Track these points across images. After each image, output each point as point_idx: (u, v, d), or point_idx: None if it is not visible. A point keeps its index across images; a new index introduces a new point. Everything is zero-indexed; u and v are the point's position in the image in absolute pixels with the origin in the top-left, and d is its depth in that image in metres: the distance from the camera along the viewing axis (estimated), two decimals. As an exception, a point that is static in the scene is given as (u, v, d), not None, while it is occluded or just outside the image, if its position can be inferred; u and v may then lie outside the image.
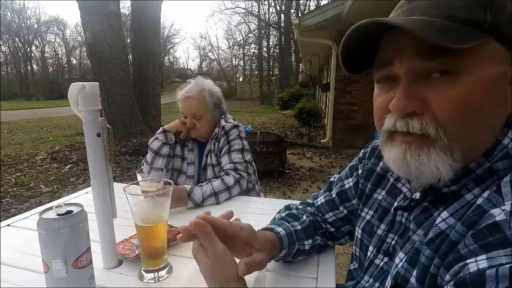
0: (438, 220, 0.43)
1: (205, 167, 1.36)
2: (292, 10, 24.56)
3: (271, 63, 29.71)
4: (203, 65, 44.90)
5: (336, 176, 0.77)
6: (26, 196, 3.36)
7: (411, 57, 0.42)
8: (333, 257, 0.76)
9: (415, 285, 0.43)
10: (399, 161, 0.44)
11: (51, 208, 0.55)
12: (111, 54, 5.66)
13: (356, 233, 0.66)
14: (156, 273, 0.67)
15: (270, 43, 28.47)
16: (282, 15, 25.06)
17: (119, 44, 5.86)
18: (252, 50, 32.07)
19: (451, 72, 0.40)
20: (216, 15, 59.23)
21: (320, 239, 0.74)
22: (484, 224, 0.36)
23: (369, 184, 0.65)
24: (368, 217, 0.63)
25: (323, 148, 5.65)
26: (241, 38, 32.29)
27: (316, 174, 4.19)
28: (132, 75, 6.58)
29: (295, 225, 0.70)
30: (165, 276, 0.68)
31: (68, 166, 4.45)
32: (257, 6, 27.20)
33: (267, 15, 27.39)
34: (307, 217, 0.74)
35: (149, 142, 1.36)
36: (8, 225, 0.93)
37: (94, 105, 0.65)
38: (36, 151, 5.54)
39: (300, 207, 0.80)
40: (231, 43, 35.37)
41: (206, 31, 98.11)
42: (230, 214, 0.60)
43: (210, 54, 42.20)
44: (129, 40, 7.47)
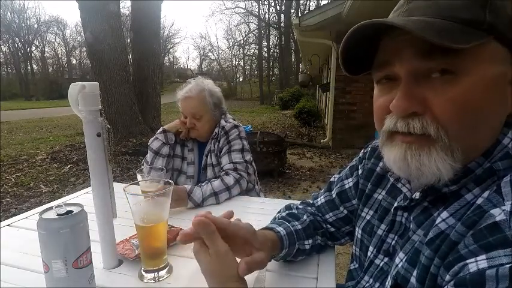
0: (438, 220, 0.43)
1: (205, 167, 1.36)
2: (292, 10, 24.61)
3: (271, 63, 29.73)
4: (203, 65, 45.01)
5: (336, 176, 0.77)
6: (26, 196, 3.36)
7: (411, 57, 0.42)
8: (333, 257, 0.76)
9: (415, 285, 0.43)
10: (399, 161, 0.44)
11: (51, 208, 0.55)
12: (111, 54, 5.67)
13: (356, 233, 0.66)
14: (156, 273, 0.67)
15: (270, 43, 28.54)
16: (282, 15, 25.08)
17: (119, 44, 5.86)
18: (252, 50, 32.17)
19: (451, 72, 0.40)
20: (216, 15, 59.39)
21: (320, 239, 0.74)
22: (484, 224, 0.36)
23: (369, 184, 0.65)
24: (368, 217, 0.63)
25: (323, 148, 5.65)
26: (241, 38, 32.38)
27: (316, 174, 4.19)
28: (132, 75, 6.58)
29: (295, 224, 0.70)
30: (165, 276, 0.68)
31: (68, 166, 4.45)
32: (257, 6, 27.27)
33: (267, 15, 27.47)
34: (307, 217, 0.74)
35: (149, 142, 1.36)
36: (8, 225, 0.93)
37: (94, 105, 0.66)
38: (36, 151, 5.54)
39: (301, 207, 0.80)
40: (231, 43, 35.46)
41: (206, 31, 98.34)
42: (230, 214, 0.60)
43: (210, 54, 42.32)
44: (129, 40, 7.47)
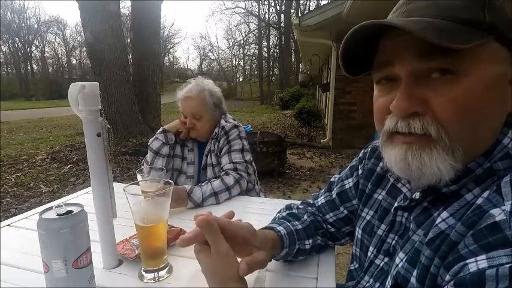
0: (438, 220, 0.43)
1: (205, 167, 1.36)
2: (292, 10, 24.61)
3: (271, 63, 29.73)
4: (203, 65, 45.02)
5: (336, 176, 0.77)
6: (26, 196, 3.36)
7: (411, 58, 0.42)
8: (333, 257, 0.76)
9: (415, 285, 0.43)
10: (400, 162, 0.44)
11: (51, 208, 0.55)
12: (111, 54, 5.67)
13: (356, 233, 0.66)
14: (156, 273, 0.67)
15: (270, 43, 28.54)
16: (282, 15, 25.08)
17: (119, 44, 5.86)
18: (252, 50, 32.17)
19: (452, 72, 0.40)
20: (216, 15, 59.38)
21: (321, 239, 0.74)
22: (484, 224, 0.36)
23: (369, 184, 0.65)
24: (368, 217, 0.63)
25: (323, 148, 5.65)
26: (241, 38, 32.37)
27: (316, 174, 4.19)
28: (132, 75, 6.58)
29: (295, 224, 0.70)
30: (165, 276, 0.68)
31: (68, 166, 4.45)
32: (257, 6, 27.27)
33: (267, 15, 27.47)
34: (308, 217, 0.74)
35: (149, 142, 1.36)
36: (8, 225, 0.93)
37: (94, 105, 0.66)
38: (36, 151, 5.54)
39: (301, 207, 0.80)
40: (231, 43, 35.46)
41: (206, 31, 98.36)
42: (231, 214, 0.60)
43: (210, 54, 42.32)
44: (129, 40, 7.47)
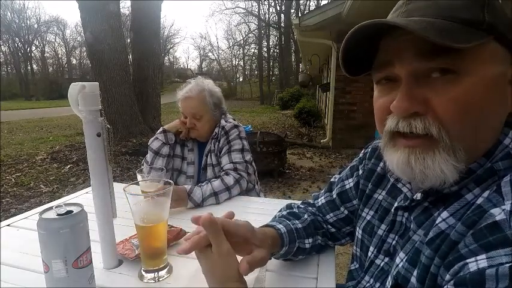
0: (438, 220, 0.43)
1: (205, 167, 1.36)
2: (292, 10, 24.61)
3: (271, 63, 29.72)
4: (203, 65, 45.00)
5: (337, 177, 0.77)
6: (26, 196, 3.36)
7: (411, 58, 0.41)
8: (333, 257, 0.76)
9: (416, 285, 0.43)
10: (403, 165, 0.44)
11: (51, 208, 0.55)
12: (111, 54, 5.67)
13: (356, 233, 0.66)
14: (156, 273, 0.67)
15: (270, 43, 28.53)
16: (282, 15, 25.08)
17: (119, 44, 5.86)
18: (252, 50, 32.14)
19: (452, 71, 0.40)
20: (216, 15, 59.35)
21: (321, 239, 0.74)
22: (484, 224, 0.36)
23: (370, 184, 0.65)
24: (368, 217, 0.63)
25: (323, 148, 5.65)
26: (241, 38, 32.36)
27: (316, 174, 4.19)
28: (132, 75, 6.58)
29: (296, 223, 0.70)
30: (165, 276, 0.68)
31: (68, 166, 4.45)
32: (257, 6, 27.26)
33: (267, 15, 27.46)
34: (308, 216, 0.74)
35: (149, 142, 1.36)
36: (8, 225, 0.93)
37: (94, 105, 0.66)
38: (36, 151, 5.54)
39: (302, 206, 0.80)
40: (231, 43, 35.44)
41: (206, 31, 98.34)
42: (231, 215, 0.60)
43: (210, 54, 42.29)
44: (129, 40, 7.47)
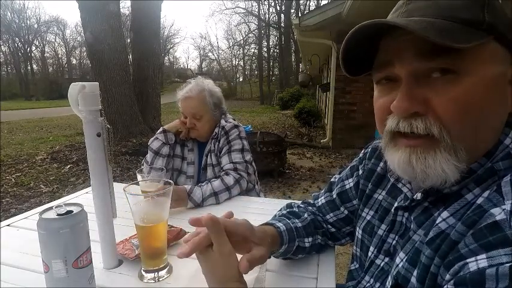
0: (438, 220, 0.43)
1: (205, 167, 1.36)
2: (292, 10, 24.60)
3: (271, 63, 29.71)
4: (203, 65, 44.99)
5: (337, 177, 0.77)
6: (26, 196, 3.35)
7: (411, 58, 0.41)
8: (333, 257, 0.76)
9: (416, 285, 0.43)
10: (404, 164, 0.43)
11: (51, 208, 0.55)
12: (111, 54, 5.67)
13: (356, 234, 0.66)
14: (156, 273, 0.67)
15: (270, 43, 28.52)
16: (282, 15, 25.07)
17: (119, 44, 5.86)
18: (252, 50, 32.14)
19: (452, 71, 0.40)
20: (216, 15, 59.33)
21: (321, 239, 0.74)
22: (484, 224, 0.36)
23: (370, 184, 0.64)
24: (368, 217, 0.63)
25: (323, 148, 5.65)
26: (241, 38, 32.35)
27: (316, 174, 4.19)
28: (132, 75, 6.58)
29: (295, 222, 0.70)
30: (165, 276, 0.68)
31: (68, 166, 4.45)
32: (257, 6, 27.25)
33: (267, 15, 27.45)
34: (308, 215, 0.74)
35: (149, 142, 1.36)
36: (8, 225, 0.93)
37: (94, 105, 0.66)
38: (36, 151, 5.54)
39: (302, 206, 0.80)
40: (231, 43, 35.43)
41: (206, 31, 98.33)
42: (230, 215, 0.60)
43: (210, 54, 42.28)
44: (129, 40, 7.47)
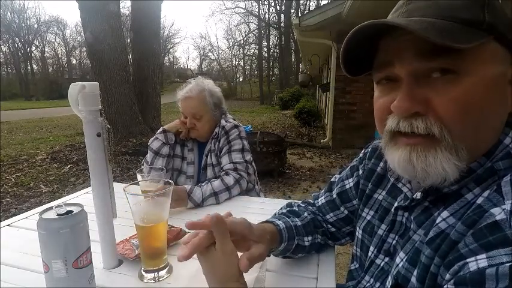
0: (438, 220, 0.43)
1: (205, 167, 1.36)
2: (292, 10, 24.60)
3: (271, 63, 29.70)
4: (203, 65, 44.99)
5: (337, 177, 0.77)
6: (26, 196, 3.35)
7: (412, 58, 0.42)
8: (333, 257, 0.76)
9: (416, 284, 0.43)
10: (404, 162, 0.43)
11: (51, 208, 0.55)
12: (111, 54, 5.67)
13: (356, 233, 0.66)
14: (156, 273, 0.67)
15: (270, 43, 28.52)
16: (282, 15, 25.07)
17: (119, 44, 5.86)
18: (252, 50, 32.13)
19: (453, 71, 0.40)
20: (216, 15, 59.36)
21: (320, 238, 0.74)
22: (484, 223, 0.36)
23: (370, 184, 0.65)
24: (369, 217, 0.63)
25: (323, 148, 5.65)
26: (241, 38, 32.35)
27: (316, 174, 4.19)
28: (132, 75, 6.58)
29: (295, 220, 0.70)
30: (165, 276, 0.68)
31: (68, 166, 4.45)
32: (257, 6, 27.25)
33: (267, 15, 27.45)
34: (308, 214, 0.74)
35: (149, 142, 1.36)
36: (8, 225, 0.93)
37: (94, 105, 0.66)
38: (36, 151, 5.54)
39: (302, 205, 0.80)
40: (231, 43, 35.43)
41: (206, 31, 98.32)
42: (229, 215, 0.60)
43: (210, 54, 42.28)
44: (129, 40, 7.47)
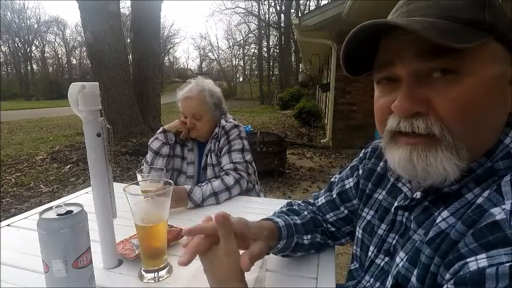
0: (439, 219, 0.43)
1: (205, 167, 1.36)
2: (292, 10, 24.59)
3: (271, 63, 29.69)
4: (203, 65, 44.98)
5: (337, 176, 0.77)
6: (26, 196, 3.35)
7: (412, 58, 0.42)
8: (333, 257, 0.76)
9: (416, 284, 0.43)
10: (404, 162, 0.43)
11: (51, 208, 0.55)
12: (111, 54, 5.66)
13: (357, 233, 0.66)
14: (156, 273, 0.67)
15: (270, 43, 28.51)
16: (282, 15, 25.06)
17: (119, 44, 5.86)
18: (252, 50, 32.12)
19: (453, 71, 0.40)
20: (216, 15, 59.35)
21: (320, 237, 0.74)
22: (484, 223, 0.36)
23: (370, 184, 0.65)
24: (369, 217, 0.63)
25: (323, 148, 5.65)
26: (241, 38, 32.33)
27: (316, 174, 4.19)
28: (132, 75, 6.58)
29: (295, 219, 0.70)
30: (165, 276, 0.68)
31: (68, 166, 4.45)
32: (257, 6, 27.24)
33: (267, 15, 27.44)
34: (308, 213, 0.74)
35: (149, 142, 1.36)
36: (8, 225, 0.93)
37: (94, 105, 0.66)
38: (36, 151, 5.54)
39: (302, 204, 0.80)
40: (231, 43, 35.42)
41: (206, 31, 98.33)
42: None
43: (210, 54, 42.27)
44: (129, 40, 7.47)
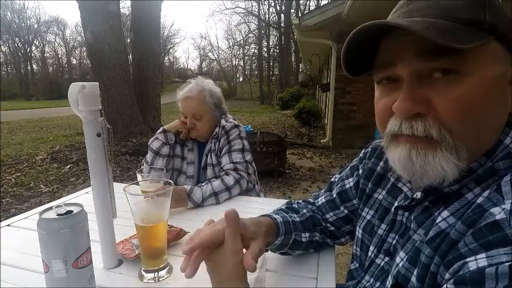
0: (439, 219, 0.43)
1: (205, 167, 1.36)
2: (292, 10, 24.60)
3: (271, 63, 29.70)
4: (203, 65, 44.99)
5: (337, 176, 0.77)
6: (26, 196, 3.35)
7: (412, 58, 0.42)
8: (333, 257, 0.76)
9: (416, 284, 0.43)
10: (404, 159, 0.43)
11: (51, 208, 0.55)
12: (111, 54, 5.66)
13: (356, 233, 0.66)
14: (156, 273, 0.67)
15: (270, 43, 28.52)
16: (282, 15, 25.07)
17: (119, 44, 5.86)
18: (252, 50, 32.14)
19: (454, 71, 0.40)
20: (216, 15, 59.36)
21: (319, 236, 0.74)
22: (484, 223, 0.36)
23: (370, 184, 0.65)
24: (368, 217, 0.63)
25: (323, 148, 5.65)
26: (241, 38, 32.35)
27: (316, 174, 4.19)
28: (132, 75, 6.58)
29: (293, 216, 0.70)
30: (165, 276, 0.68)
31: (68, 166, 4.45)
32: (257, 6, 27.25)
33: (267, 15, 27.45)
34: (307, 212, 0.74)
35: (149, 142, 1.36)
36: (8, 225, 0.93)
37: (94, 105, 0.66)
38: (36, 151, 5.54)
39: (302, 203, 0.80)
40: (231, 43, 35.43)
41: (206, 31, 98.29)
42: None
43: (210, 54, 42.29)
44: (129, 40, 7.47)
